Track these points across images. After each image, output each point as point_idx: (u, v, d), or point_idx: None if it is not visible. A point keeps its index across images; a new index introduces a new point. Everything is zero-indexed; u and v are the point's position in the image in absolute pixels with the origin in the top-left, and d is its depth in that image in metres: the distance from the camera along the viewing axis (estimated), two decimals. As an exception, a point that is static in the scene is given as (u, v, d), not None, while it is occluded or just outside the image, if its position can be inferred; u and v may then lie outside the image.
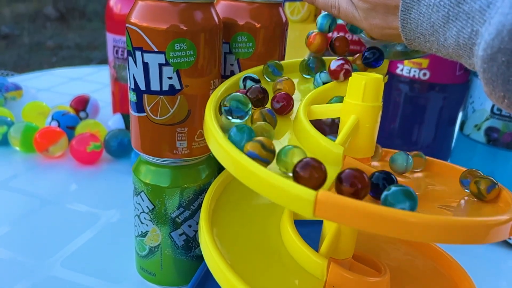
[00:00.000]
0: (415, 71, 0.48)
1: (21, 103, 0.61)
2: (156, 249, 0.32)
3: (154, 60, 0.26)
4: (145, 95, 0.27)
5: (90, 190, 0.46)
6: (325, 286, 0.25)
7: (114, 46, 0.56)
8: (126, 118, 0.56)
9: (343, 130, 0.24)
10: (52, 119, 0.55)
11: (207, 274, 0.32)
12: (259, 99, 0.25)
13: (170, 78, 0.27)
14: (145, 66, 0.26)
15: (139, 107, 0.28)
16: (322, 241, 0.27)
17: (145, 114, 0.28)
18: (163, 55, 0.26)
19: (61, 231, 0.39)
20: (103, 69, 0.91)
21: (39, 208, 0.43)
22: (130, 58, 0.27)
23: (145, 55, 0.26)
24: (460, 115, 0.52)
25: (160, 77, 0.26)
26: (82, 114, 0.60)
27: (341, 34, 0.42)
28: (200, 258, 0.33)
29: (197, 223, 0.32)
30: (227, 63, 0.32)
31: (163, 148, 0.29)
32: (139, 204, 0.31)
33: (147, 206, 0.30)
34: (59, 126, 0.54)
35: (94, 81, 0.84)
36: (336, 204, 0.18)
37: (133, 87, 0.28)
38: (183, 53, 0.26)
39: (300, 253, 0.26)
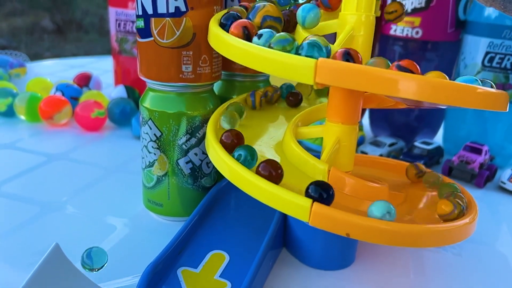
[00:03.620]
0: (408, 30, 0.50)
1: (25, 80, 0.62)
2: (163, 178, 0.33)
3: (160, -18, 0.28)
4: (152, 18, 0.29)
5: (94, 151, 0.47)
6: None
7: (116, 20, 0.58)
8: (128, 89, 0.58)
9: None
10: (56, 90, 0.56)
11: (211, 205, 0.33)
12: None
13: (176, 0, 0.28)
14: (152, -12, 0.28)
15: (147, 32, 0.29)
16: (322, 154, 0.28)
17: (152, 38, 0.29)
18: (169, -23, 0.27)
19: (68, 181, 0.40)
20: (103, 59, 0.93)
21: (46, 163, 0.44)
22: (137, -16, 0.29)
23: (152, -23, 0.28)
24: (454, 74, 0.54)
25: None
26: (85, 90, 0.62)
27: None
28: (205, 189, 0.34)
29: (203, 152, 0.33)
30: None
31: (170, 72, 0.30)
32: (147, 133, 0.32)
33: (154, 134, 0.32)
34: (63, 96, 0.55)
35: (96, 68, 0.86)
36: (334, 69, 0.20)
37: (141, 13, 0.29)
38: (188, -25, 0.28)
39: (303, 160, 0.27)
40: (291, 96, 0.36)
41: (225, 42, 0.25)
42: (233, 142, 0.27)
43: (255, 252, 0.29)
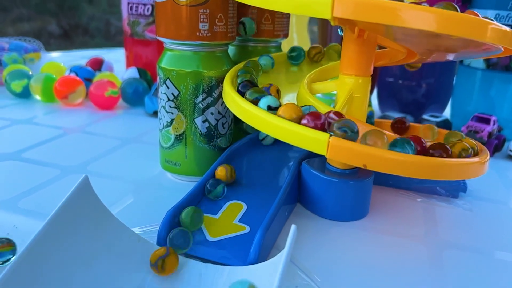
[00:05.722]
0: (414, 7, 0.51)
1: (39, 65, 0.64)
2: (181, 137, 0.34)
3: None
4: (171, -23, 0.30)
5: (109, 125, 0.49)
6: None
7: (128, 3, 0.59)
8: (140, 71, 0.59)
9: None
10: (71, 71, 0.57)
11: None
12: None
13: (193, -42, 0.29)
14: None
15: (165, -9, 0.30)
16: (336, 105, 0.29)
17: (170, -3, 0.30)
18: None
19: (86, 150, 0.41)
20: (115, 51, 0.94)
21: (63, 135, 0.45)
22: None
23: None
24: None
25: (184, -42, 0.29)
26: (97, 73, 0.63)
27: None
28: (221, 150, 0.35)
29: (219, 112, 0.34)
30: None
31: (187, 30, 0.31)
32: (165, 93, 0.33)
33: (172, 93, 0.33)
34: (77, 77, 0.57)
35: (108, 58, 0.87)
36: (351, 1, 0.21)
37: (159, -27, 0.30)
38: None
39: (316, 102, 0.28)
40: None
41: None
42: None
43: (271, 203, 0.30)
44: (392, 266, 0.26)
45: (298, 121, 0.24)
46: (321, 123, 0.24)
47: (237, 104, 0.28)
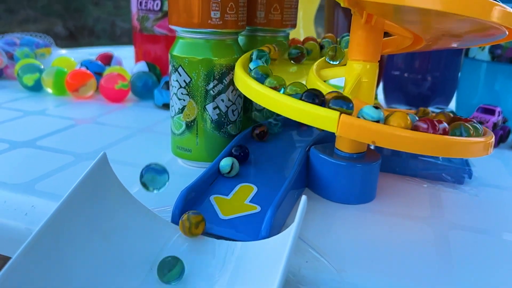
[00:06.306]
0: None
1: (50, 60, 0.65)
2: (192, 123, 0.34)
3: None
4: (184, -33, 0.31)
5: (120, 116, 0.50)
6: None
7: (137, -1, 0.60)
8: (149, 65, 0.60)
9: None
10: (81, 65, 0.59)
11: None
12: None
13: None
14: None
15: (178, -20, 0.31)
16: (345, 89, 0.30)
17: (183, -14, 0.31)
18: None
19: (98, 139, 0.42)
20: (123, 48, 0.96)
21: (74, 125, 0.46)
22: None
23: None
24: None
25: None
26: (107, 68, 0.64)
27: None
28: (231, 137, 0.36)
29: (229, 99, 0.35)
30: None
31: (199, 18, 0.32)
32: (177, 80, 0.34)
33: (184, 80, 0.34)
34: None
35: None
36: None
37: (172, -37, 0.31)
38: None
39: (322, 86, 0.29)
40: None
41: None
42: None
43: (280, 185, 0.30)
44: (398, 245, 0.27)
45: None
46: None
47: (247, 85, 0.28)
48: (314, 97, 0.25)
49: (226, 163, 0.31)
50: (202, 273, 0.23)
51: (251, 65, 0.31)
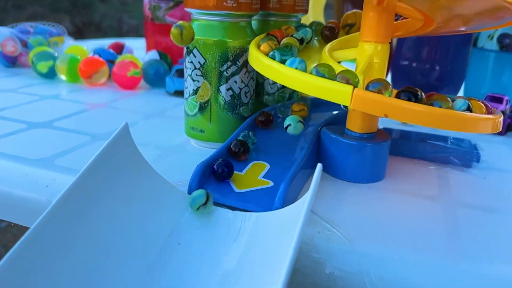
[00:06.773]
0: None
1: (63, 48, 0.66)
2: (206, 104, 0.35)
3: None
4: (200, -50, 0.32)
5: (132, 102, 0.50)
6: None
7: (149, -12, 0.61)
8: (161, 53, 0.61)
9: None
10: (94, 53, 0.60)
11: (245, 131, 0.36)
12: None
13: None
14: None
15: (194, -37, 0.32)
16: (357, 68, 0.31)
17: (199, -32, 0.32)
18: None
19: (112, 122, 0.43)
20: (133, 40, 0.97)
21: (88, 109, 0.47)
22: None
23: None
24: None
25: None
26: (119, 56, 0.65)
27: None
28: (243, 119, 0.37)
29: (242, 81, 0.35)
30: None
31: (215, 0, 0.33)
32: (191, 62, 0.35)
33: (198, 62, 0.34)
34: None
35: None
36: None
37: None
38: None
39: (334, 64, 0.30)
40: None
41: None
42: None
43: (292, 164, 0.31)
44: (408, 219, 0.27)
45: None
46: None
47: (260, 62, 0.29)
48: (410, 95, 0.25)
49: (199, 193, 0.26)
50: (219, 241, 0.24)
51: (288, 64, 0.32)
